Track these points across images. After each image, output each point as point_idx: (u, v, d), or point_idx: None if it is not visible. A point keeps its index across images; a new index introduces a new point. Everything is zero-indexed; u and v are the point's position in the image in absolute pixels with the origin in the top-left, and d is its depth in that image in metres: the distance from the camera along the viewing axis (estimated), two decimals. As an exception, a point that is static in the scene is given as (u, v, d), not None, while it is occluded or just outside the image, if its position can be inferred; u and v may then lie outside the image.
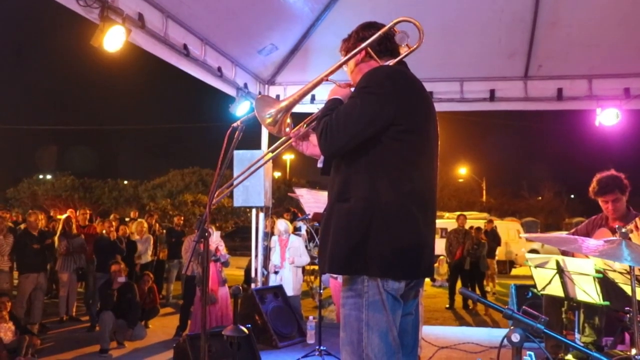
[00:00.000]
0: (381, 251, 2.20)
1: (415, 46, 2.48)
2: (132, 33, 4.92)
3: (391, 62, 2.46)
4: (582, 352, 1.94)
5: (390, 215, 2.22)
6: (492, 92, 7.79)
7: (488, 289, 12.45)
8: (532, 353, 3.23)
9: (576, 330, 4.68)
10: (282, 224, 7.79)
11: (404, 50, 2.50)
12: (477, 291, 10.95)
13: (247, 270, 9.96)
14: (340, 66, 2.52)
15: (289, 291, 7.43)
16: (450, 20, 6.73)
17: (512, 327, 1.84)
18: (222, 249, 7.33)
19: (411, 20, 2.43)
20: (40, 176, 37.61)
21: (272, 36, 7.11)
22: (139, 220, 10.81)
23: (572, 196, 45.09)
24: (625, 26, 6.62)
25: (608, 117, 7.48)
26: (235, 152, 6.90)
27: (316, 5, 6.79)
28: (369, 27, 2.53)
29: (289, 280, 7.53)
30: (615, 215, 4.57)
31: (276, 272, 7.64)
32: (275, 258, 7.71)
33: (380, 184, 2.25)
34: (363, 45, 2.46)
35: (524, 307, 1.93)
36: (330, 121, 2.29)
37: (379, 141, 2.27)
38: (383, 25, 2.48)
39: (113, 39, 4.70)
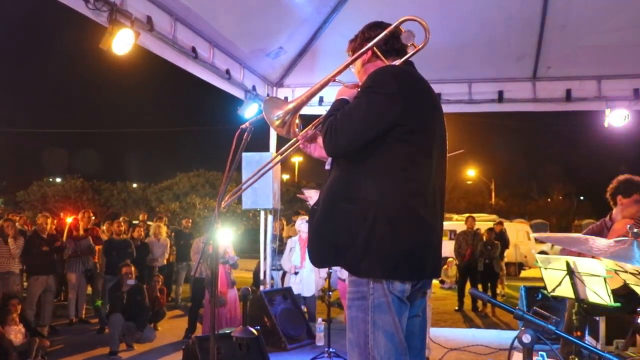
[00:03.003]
0: (386, 252, 2.18)
1: (421, 45, 2.45)
2: (140, 36, 4.94)
3: (397, 62, 2.44)
4: (594, 354, 1.92)
5: (394, 216, 2.19)
6: (501, 93, 7.77)
7: (497, 291, 12.39)
8: (544, 354, 3.20)
9: (587, 331, 4.63)
10: (304, 224, 7.65)
11: (410, 50, 2.47)
12: (489, 292, 10.90)
13: (256, 273, 9.96)
14: (346, 66, 2.50)
15: (308, 292, 7.36)
16: (459, 23, 6.72)
17: (522, 329, 1.83)
18: (231, 251, 7.33)
19: (417, 19, 2.40)
20: (50, 179, 37.78)
21: (280, 39, 7.12)
22: (157, 224, 10.78)
23: (582, 198, 44.83)
24: (634, 27, 6.57)
25: (617, 118, 7.44)
26: (244, 154, 6.89)
27: (323, 7, 6.79)
28: (375, 27, 2.51)
29: (310, 281, 7.45)
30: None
31: (296, 273, 7.56)
32: (295, 258, 7.56)
33: (384, 185, 2.22)
34: (369, 45, 2.44)
35: (535, 307, 1.91)
36: (335, 121, 2.26)
37: (384, 141, 2.24)
38: (389, 25, 2.45)
39: (122, 42, 4.71)
